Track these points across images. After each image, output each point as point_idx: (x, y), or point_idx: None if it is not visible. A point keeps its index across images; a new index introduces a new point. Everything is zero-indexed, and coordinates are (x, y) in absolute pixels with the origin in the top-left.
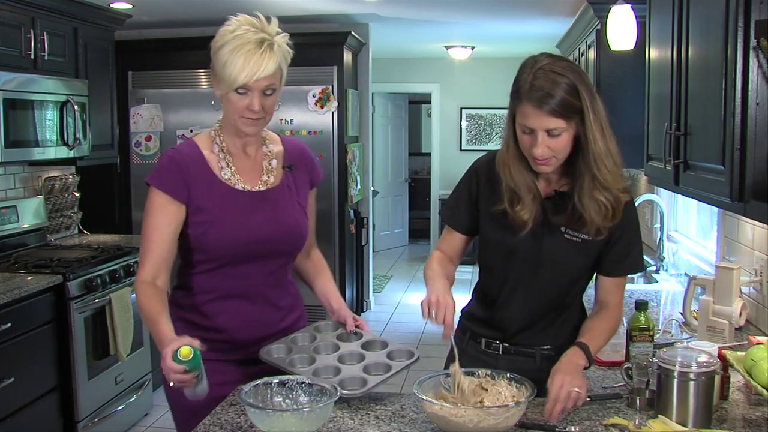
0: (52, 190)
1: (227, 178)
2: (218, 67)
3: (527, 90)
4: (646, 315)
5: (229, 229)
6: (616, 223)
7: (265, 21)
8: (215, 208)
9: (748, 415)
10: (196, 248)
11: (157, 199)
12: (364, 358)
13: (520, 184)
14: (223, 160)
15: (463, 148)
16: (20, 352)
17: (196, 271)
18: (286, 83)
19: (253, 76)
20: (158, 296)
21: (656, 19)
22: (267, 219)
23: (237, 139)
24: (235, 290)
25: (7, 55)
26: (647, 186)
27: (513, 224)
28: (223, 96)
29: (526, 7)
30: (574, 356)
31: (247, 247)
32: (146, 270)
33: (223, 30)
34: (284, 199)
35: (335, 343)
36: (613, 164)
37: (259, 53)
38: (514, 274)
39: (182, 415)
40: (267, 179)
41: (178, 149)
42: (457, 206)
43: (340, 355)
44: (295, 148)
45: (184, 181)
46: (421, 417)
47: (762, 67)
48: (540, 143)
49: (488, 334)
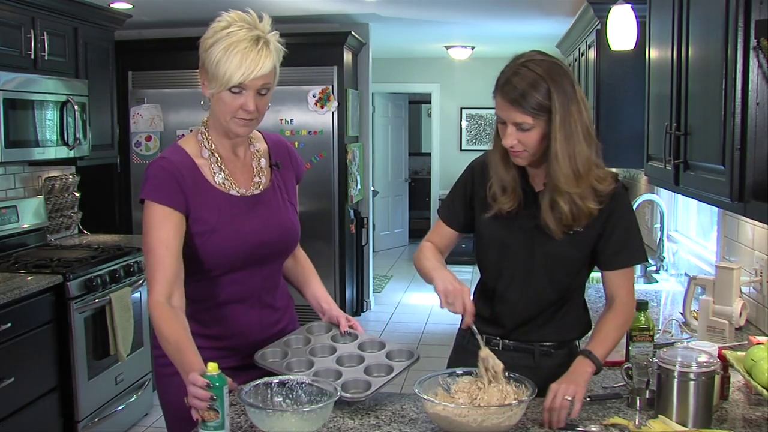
0: (52, 190)
1: (221, 183)
2: (210, 66)
3: (502, 84)
4: (646, 315)
5: (227, 239)
6: (580, 227)
7: (257, 18)
8: (212, 218)
9: (748, 415)
10: (193, 259)
11: (157, 213)
12: (363, 359)
13: (499, 179)
14: (215, 164)
15: (463, 148)
16: (20, 352)
17: (192, 281)
18: (287, 83)
19: (250, 75)
20: (178, 320)
21: (656, 19)
22: (263, 224)
23: (226, 141)
24: (233, 296)
25: (7, 55)
26: (647, 186)
27: (496, 213)
28: (215, 95)
29: (526, 7)
30: (579, 365)
31: (246, 255)
32: (159, 290)
33: (215, 26)
34: (277, 201)
35: (331, 345)
36: (571, 170)
37: (256, 51)
38: (509, 269)
39: (174, 416)
40: (259, 180)
41: (167, 158)
42: (453, 203)
43: (338, 357)
44: (278, 144)
45: (181, 191)
46: (422, 417)
47: (762, 67)
48: (509, 134)
49: (488, 330)
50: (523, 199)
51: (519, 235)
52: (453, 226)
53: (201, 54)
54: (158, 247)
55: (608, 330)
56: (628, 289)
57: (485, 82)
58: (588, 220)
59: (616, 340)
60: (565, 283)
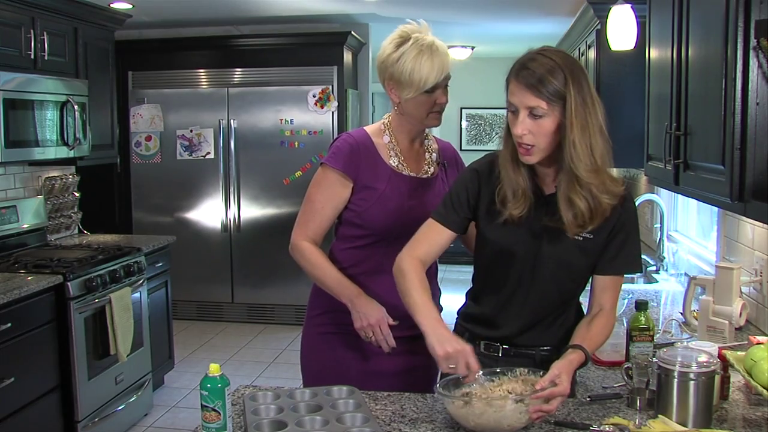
0: (52, 190)
1: (394, 165)
2: (401, 76)
3: (518, 69)
4: (646, 315)
5: (392, 207)
6: (595, 225)
7: (424, 26)
8: (382, 186)
9: (748, 415)
10: (356, 223)
11: (329, 175)
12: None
13: (509, 181)
14: (392, 149)
15: (463, 148)
16: (20, 352)
17: (350, 246)
18: (286, 83)
19: (441, 75)
20: (326, 257)
21: (656, 19)
22: (426, 202)
23: (406, 134)
24: (383, 266)
25: (7, 55)
26: (647, 186)
27: (506, 219)
28: (409, 100)
29: (526, 7)
30: (573, 355)
31: (402, 226)
32: (307, 233)
33: (395, 40)
34: (440, 188)
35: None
36: (591, 162)
37: (438, 54)
38: (514, 275)
39: (314, 376)
40: (428, 169)
41: (350, 134)
42: (452, 205)
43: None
44: (447, 148)
45: (355, 162)
46: (422, 417)
47: (762, 67)
48: (521, 122)
49: (488, 335)
50: (532, 203)
51: (526, 241)
52: (454, 228)
53: (388, 68)
54: (317, 201)
55: (597, 332)
56: (614, 298)
57: (485, 82)
58: (601, 219)
59: (599, 344)
60: (570, 290)
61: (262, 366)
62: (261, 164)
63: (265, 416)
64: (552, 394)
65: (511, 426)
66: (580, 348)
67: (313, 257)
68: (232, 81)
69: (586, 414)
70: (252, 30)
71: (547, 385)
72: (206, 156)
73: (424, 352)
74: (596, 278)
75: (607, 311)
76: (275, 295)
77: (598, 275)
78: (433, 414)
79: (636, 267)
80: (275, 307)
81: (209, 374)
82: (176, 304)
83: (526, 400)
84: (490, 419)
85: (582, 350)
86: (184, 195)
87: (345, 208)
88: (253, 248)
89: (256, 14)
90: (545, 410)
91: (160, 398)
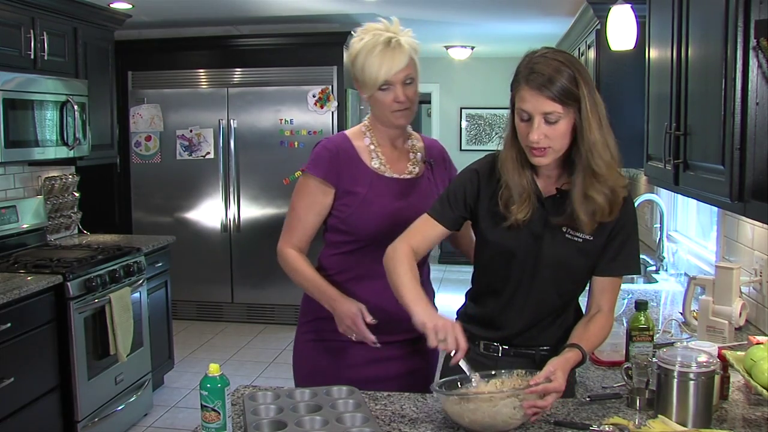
0: (52, 190)
1: (376, 168)
2: (359, 74)
3: (526, 74)
4: (646, 315)
5: (375, 210)
6: (612, 219)
7: (387, 23)
8: (363, 190)
9: (748, 415)
10: (341, 229)
11: (310, 183)
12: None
13: (515, 185)
14: (373, 151)
15: (463, 148)
16: (20, 352)
17: (337, 252)
18: (286, 83)
19: (391, 71)
20: (310, 264)
21: (656, 19)
22: (411, 204)
23: (386, 135)
24: (373, 271)
25: (7, 55)
26: (647, 186)
27: (511, 224)
28: (371, 98)
29: (526, 7)
30: (567, 352)
31: (390, 229)
32: (292, 240)
33: (353, 41)
34: (426, 188)
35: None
36: (610, 157)
37: (390, 50)
38: (514, 276)
39: (305, 378)
40: (412, 169)
41: (330, 139)
42: (448, 202)
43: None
44: (434, 146)
45: (335, 168)
46: (422, 417)
47: (762, 67)
48: (536, 128)
49: (487, 336)
50: (535, 206)
51: (526, 243)
52: (447, 225)
53: (350, 67)
54: (299, 209)
55: (595, 332)
56: (612, 300)
57: (485, 82)
58: (618, 212)
59: (597, 344)
60: (570, 291)
61: (262, 366)
62: (261, 164)
63: (264, 416)
64: (546, 389)
65: (506, 422)
66: (577, 347)
67: (296, 263)
68: (232, 81)
69: (585, 414)
70: (252, 30)
71: (542, 380)
72: (206, 156)
73: (417, 356)
74: (595, 279)
75: (606, 312)
76: (275, 295)
77: (597, 276)
78: (433, 414)
79: (635, 269)
80: (275, 307)
81: (209, 374)
82: (176, 304)
83: (520, 395)
84: (485, 415)
85: (579, 349)
86: (184, 195)
87: (329, 214)
88: (252, 248)
89: (255, 14)
90: (540, 406)
91: (159, 398)
